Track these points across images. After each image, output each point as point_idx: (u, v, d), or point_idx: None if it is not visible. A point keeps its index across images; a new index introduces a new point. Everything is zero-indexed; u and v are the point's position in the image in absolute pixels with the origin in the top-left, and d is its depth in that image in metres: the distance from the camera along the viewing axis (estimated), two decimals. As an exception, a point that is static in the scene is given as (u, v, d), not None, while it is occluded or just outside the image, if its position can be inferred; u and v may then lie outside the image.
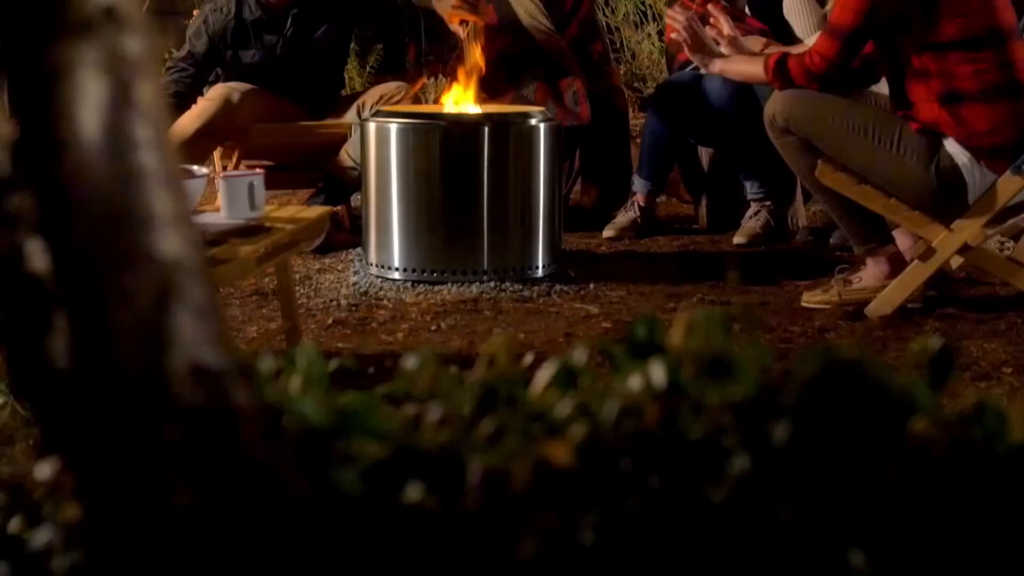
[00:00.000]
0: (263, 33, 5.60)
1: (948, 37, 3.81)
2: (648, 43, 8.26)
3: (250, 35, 5.60)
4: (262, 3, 5.57)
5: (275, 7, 5.58)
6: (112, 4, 1.04)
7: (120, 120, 1.04)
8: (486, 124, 4.62)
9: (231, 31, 5.59)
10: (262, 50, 5.59)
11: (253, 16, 5.58)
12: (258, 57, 5.59)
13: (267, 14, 5.59)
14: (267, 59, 5.59)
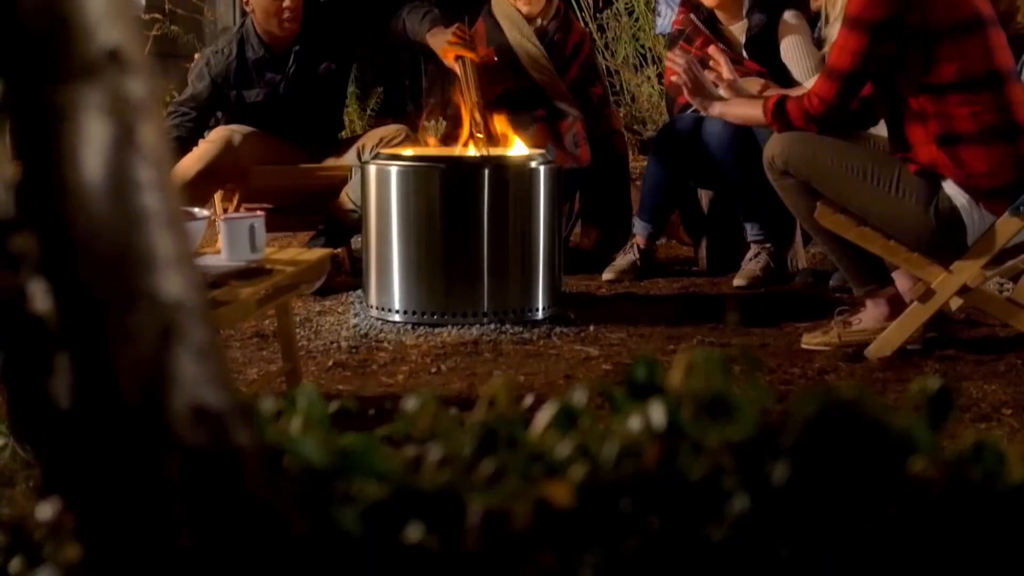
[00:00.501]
0: (266, 71, 5.64)
1: (946, 79, 3.82)
2: (648, 86, 8.30)
3: (253, 74, 5.63)
4: (265, 42, 5.61)
5: (278, 45, 5.61)
6: (116, 47, 1.05)
7: (123, 162, 1.04)
8: (486, 166, 4.64)
9: (234, 71, 5.62)
10: (266, 88, 5.63)
11: (256, 55, 5.62)
12: (262, 96, 5.62)
13: (269, 52, 5.62)
14: (271, 97, 5.62)
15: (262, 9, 5.53)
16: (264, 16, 5.55)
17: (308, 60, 5.64)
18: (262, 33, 5.63)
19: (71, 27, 1.03)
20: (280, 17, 5.52)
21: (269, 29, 5.59)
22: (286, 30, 5.58)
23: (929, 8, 3.81)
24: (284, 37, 5.62)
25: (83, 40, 1.04)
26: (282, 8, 5.51)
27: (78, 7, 1.03)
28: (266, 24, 5.58)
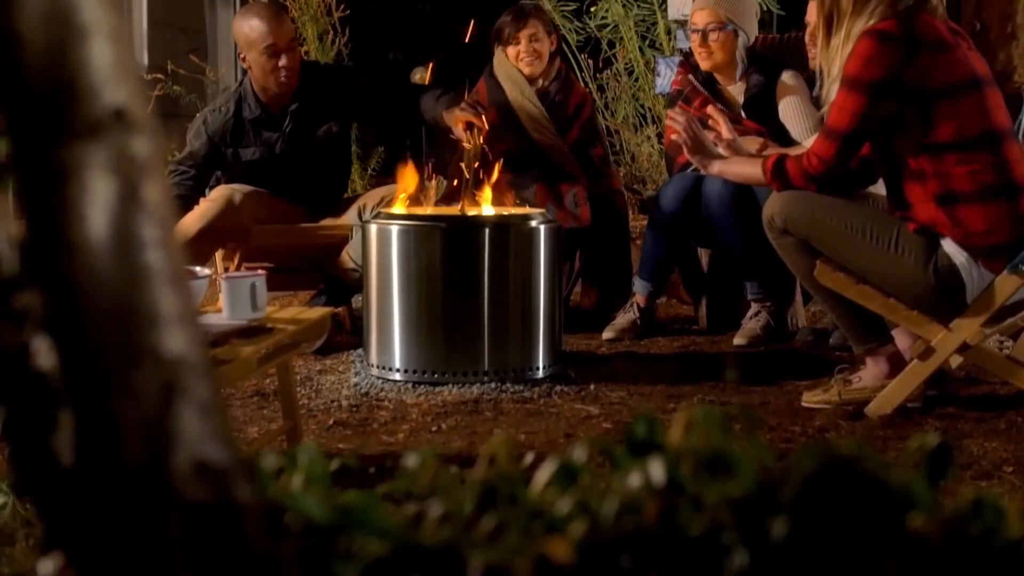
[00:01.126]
0: (262, 130, 5.66)
1: (944, 139, 3.85)
2: (648, 145, 8.33)
3: (249, 133, 5.66)
4: (261, 101, 5.64)
5: (275, 104, 5.64)
6: (121, 106, 1.06)
7: (127, 220, 1.05)
8: (487, 226, 4.65)
9: (230, 130, 5.65)
10: (261, 148, 5.65)
11: (252, 115, 5.65)
12: (258, 155, 5.64)
13: (266, 112, 5.65)
14: (266, 157, 5.64)
15: (259, 67, 5.56)
16: (261, 74, 5.59)
17: (305, 120, 5.66)
18: (259, 92, 5.66)
19: (77, 87, 1.04)
20: (277, 75, 5.55)
21: (266, 87, 5.63)
22: (283, 88, 5.61)
23: (926, 69, 3.84)
24: (281, 96, 5.65)
25: (89, 99, 1.05)
26: (278, 67, 5.54)
27: (84, 67, 1.05)
28: (263, 82, 5.61)
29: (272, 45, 5.53)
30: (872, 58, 3.85)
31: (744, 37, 5.64)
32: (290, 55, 5.57)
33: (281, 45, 5.55)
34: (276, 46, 5.54)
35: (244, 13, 5.79)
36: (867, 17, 3.92)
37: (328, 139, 5.72)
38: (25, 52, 1.03)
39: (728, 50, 5.65)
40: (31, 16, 1.03)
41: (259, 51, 5.54)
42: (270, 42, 5.53)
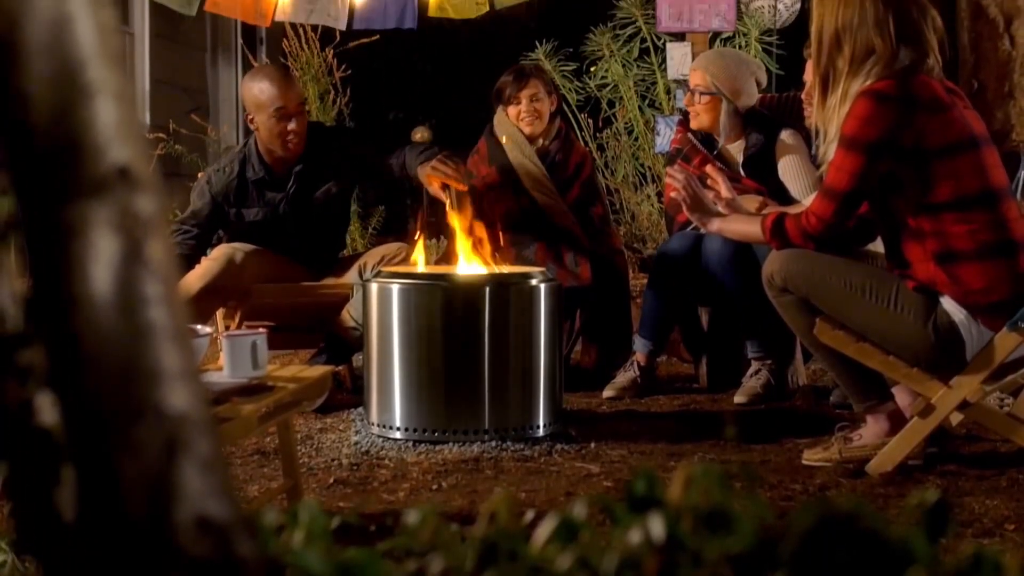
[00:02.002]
0: (265, 191, 5.69)
1: (941, 198, 3.86)
2: (647, 204, 8.36)
3: (253, 193, 5.68)
4: (266, 163, 5.66)
5: (279, 166, 5.67)
6: (126, 164, 1.07)
7: (131, 277, 1.06)
8: (487, 284, 4.66)
9: (234, 190, 5.68)
10: (265, 208, 5.67)
11: (256, 176, 5.68)
12: (261, 215, 5.67)
13: (270, 173, 5.68)
14: (270, 217, 5.67)
15: (267, 129, 5.58)
16: (269, 136, 5.61)
17: (308, 181, 5.69)
18: (264, 153, 5.69)
19: (82, 145, 1.06)
20: (285, 139, 5.58)
21: (273, 149, 5.65)
22: (290, 151, 5.64)
23: (923, 129, 3.86)
24: (286, 158, 5.68)
25: (94, 158, 1.06)
26: (287, 130, 5.56)
27: (89, 126, 1.06)
28: (270, 144, 5.64)
29: (282, 108, 5.56)
30: (869, 118, 3.87)
31: (729, 104, 5.67)
32: (299, 119, 5.60)
33: (291, 109, 5.58)
34: (286, 109, 5.57)
35: (254, 75, 5.82)
36: (864, 77, 3.95)
37: (329, 199, 5.74)
38: (31, 111, 1.05)
39: (712, 115, 5.69)
40: (38, 75, 1.04)
41: (268, 114, 5.57)
42: (280, 105, 5.56)
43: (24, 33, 1.04)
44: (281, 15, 7.48)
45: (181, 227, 5.65)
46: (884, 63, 3.94)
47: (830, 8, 4.06)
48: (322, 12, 7.43)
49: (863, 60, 3.96)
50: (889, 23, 3.96)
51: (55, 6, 1.05)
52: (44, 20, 1.04)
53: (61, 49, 1.05)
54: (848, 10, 4.00)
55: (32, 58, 1.04)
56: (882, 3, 3.97)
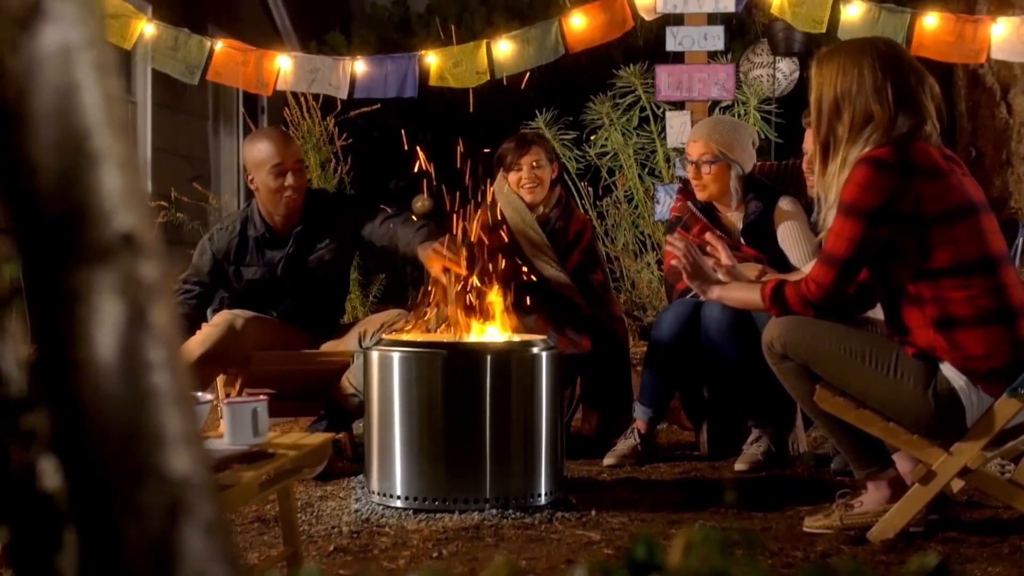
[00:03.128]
0: (265, 250, 5.75)
1: (940, 264, 3.88)
2: (647, 272, 8.38)
3: (253, 252, 5.77)
4: (267, 222, 5.72)
5: (280, 226, 5.75)
6: (130, 231, 1.09)
7: (135, 342, 1.07)
8: (488, 352, 4.67)
9: (234, 248, 5.76)
10: (264, 267, 5.73)
11: (257, 233, 5.76)
12: (259, 274, 5.72)
13: (270, 232, 5.76)
14: (268, 277, 5.72)
15: (265, 187, 5.67)
16: (267, 193, 5.68)
17: (308, 243, 5.75)
18: (265, 213, 5.77)
19: (88, 212, 1.07)
20: (283, 195, 5.66)
21: (272, 208, 5.73)
22: (289, 208, 5.71)
23: (922, 195, 3.88)
24: (287, 218, 5.75)
25: (99, 224, 1.07)
26: (284, 186, 5.65)
27: (95, 192, 1.07)
28: (269, 203, 5.71)
29: (279, 165, 5.65)
30: (868, 185, 3.89)
31: (738, 168, 5.71)
32: (296, 175, 5.68)
33: (287, 165, 5.67)
34: (283, 166, 5.65)
35: (252, 136, 5.94)
36: (862, 144, 3.98)
37: (328, 263, 5.78)
38: (38, 178, 1.06)
39: (722, 182, 5.72)
40: (45, 143, 1.06)
41: (266, 171, 5.66)
42: (277, 161, 5.65)
43: (32, 101, 1.05)
44: (283, 84, 7.54)
45: (183, 286, 5.71)
46: (882, 130, 3.97)
47: (829, 77, 4.09)
48: (323, 81, 7.48)
49: (862, 127, 4.00)
50: (887, 91, 3.99)
51: (62, 75, 1.06)
52: (51, 89, 1.06)
53: (68, 117, 1.07)
54: (847, 78, 4.04)
55: (39, 126, 1.06)
56: (880, 71, 4.01)
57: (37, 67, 1.06)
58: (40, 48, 1.06)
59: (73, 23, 1.06)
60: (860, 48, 4.14)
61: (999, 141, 9.54)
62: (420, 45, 8.12)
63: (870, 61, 4.03)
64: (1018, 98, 9.47)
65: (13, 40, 1.05)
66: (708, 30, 7.19)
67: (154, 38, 7.41)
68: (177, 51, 7.42)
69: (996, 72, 9.45)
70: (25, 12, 1.05)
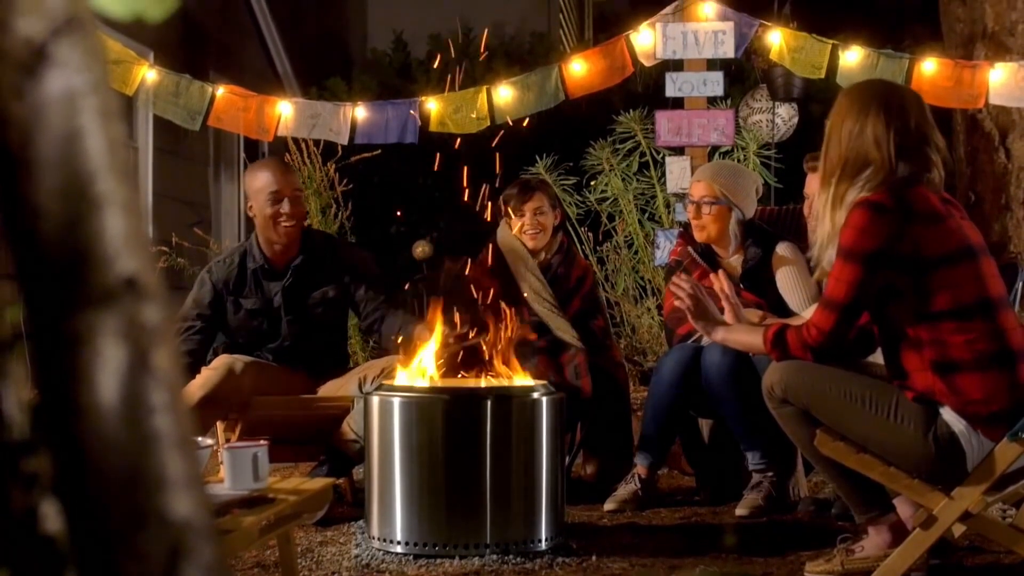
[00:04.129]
0: (263, 280, 5.83)
1: (940, 308, 3.89)
2: (648, 317, 8.39)
3: (251, 283, 5.83)
4: (265, 254, 5.77)
5: (278, 258, 5.85)
6: (133, 275, 1.09)
7: (137, 385, 1.08)
8: (488, 397, 4.67)
9: (234, 278, 5.82)
10: (261, 299, 5.77)
11: (255, 265, 5.83)
12: (257, 305, 5.76)
13: (268, 264, 5.83)
14: (264, 308, 5.76)
15: (262, 213, 5.75)
16: (264, 221, 5.76)
17: (306, 277, 5.82)
18: (264, 244, 5.83)
19: (91, 256, 1.08)
20: (278, 221, 5.73)
21: (269, 236, 5.79)
22: (286, 238, 5.78)
23: (920, 239, 3.89)
24: (285, 250, 5.82)
25: (102, 269, 1.08)
26: (280, 212, 5.72)
27: (98, 237, 1.08)
28: (266, 231, 5.78)
29: (276, 192, 5.73)
30: (866, 229, 3.90)
31: (738, 213, 5.74)
32: (293, 204, 5.76)
33: (284, 192, 5.74)
34: (279, 193, 5.73)
35: (253, 166, 6.09)
36: (860, 186, 3.99)
37: (325, 302, 5.82)
38: (42, 222, 1.07)
39: (721, 224, 5.74)
40: (49, 188, 1.07)
41: (263, 198, 5.74)
42: (274, 189, 5.73)
43: (36, 147, 1.06)
44: (283, 130, 7.57)
45: (184, 323, 5.74)
46: (881, 175, 3.99)
47: (839, 114, 4.14)
48: (324, 127, 7.51)
49: (859, 169, 4.01)
50: (889, 143, 4.01)
51: (66, 121, 1.07)
52: (56, 134, 1.07)
53: (72, 162, 1.08)
54: (852, 118, 4.07)
55: (44, 171, 1.06)
56: (886, 122, 4.03)
57: (42, 113, 1.07)
58: (45, 94, 1.07)
59: (78, 69, 1.08)
60: (873, 94, 4.17)
61: (998, 186, 9.56)
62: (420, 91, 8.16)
63: (877, 110, 4.06)
64: (1017, 143, 9.50)
65: (18, 86, 1.06)
66: (707, 76, 7.23)
67: (156, 84, 7.44)
68: (178, 97, 7.44)
69: (994, 117, 9.49)
70: (31, 58, 1.06)
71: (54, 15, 1.07)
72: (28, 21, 1.06)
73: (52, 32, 1.07)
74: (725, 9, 7.23)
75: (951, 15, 9.80)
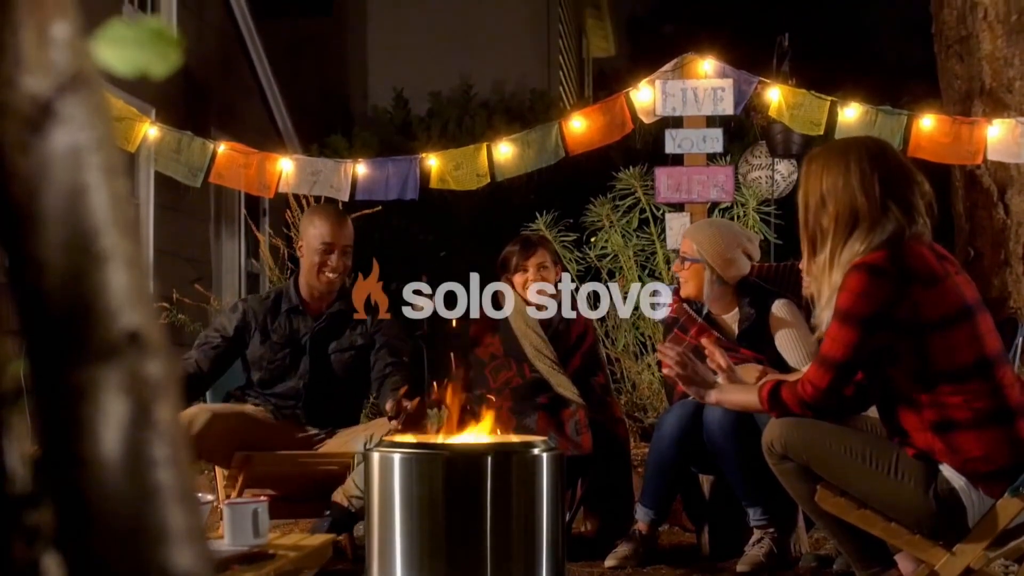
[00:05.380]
0: (292, 318, 5.89)
1: (937, 369, 3.88)
2: (648, 374, 8.39)
3: (281, 320, 5.88)
4: (302, 296, 5.89)
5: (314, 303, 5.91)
6: (136, 329, 1.10)
7: (140, 439, 1.09)
8: (489, 454, 4.66)
9: (267, 310, 5.89)
10: (289, 334, 5.81)
11: (290, 305, 5.90)
12: (284, 340, 5.78)
13: (303, 306, 5.91)
14: (289, 344, 5.77)
15: (308, 260, 5.87)
16: (308, 267, 5.87)
17: (337, 324, 5.88)
18: (303, 287, 5.91)
19: (95, 310, 1.09)
20: (321, 269, 5.83)
21: (310, 282, 5.88)
22: (324, 286, 5.87)
23: (918, 301, 3.89)
24: (321, 298, 5.90)
25: (105, 323, 1.09)
26: (326, 263, 5.83)
27: (102, 291, 1.09)
28: (308, 276, 5.88)
29: (328, 244, 5.82)
30: (864, 292, 3.90)
31: (711, 273, 5.75)
32: (341, 258, 5.86)
33: (335, 245, 5.84)
34: (331, 245, 5.83)
35: (313, 209, 6.22)
36: (853, 244, 3.99)
37: (350, 350, 5.84)
38: (46, 276, 1.08)
39: (696, 281, 5.78)
40: (54, 242, 1.08)
41: (314, 245, 5.83)
42: (327, 240, 5.83)
43: (41, 202, 1.07)
44: (284, 186, 7.59)
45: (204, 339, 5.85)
46: (870, 226, 3.98)
47: (816, 173, 4.13)
48: (325, 183, 7.53)
49: (849, 221, 4.01)
50: (875, 186, 4.01)
51: (71, 177, 1.09)
52: (61, 189, 1.08)
53: (76, 217, 1.09)
54: (832, 172, 4.07)
55: (49, 226, 1.08)
56: (868, 167, 4.04)
57: (47, 168, 1.08)
58: (50, 150, 1.08)
59: (83, 126, 1.09)
60: (848, 145, 4.19)
61: (997, 241, 9.58)
62: (421, 148, 8.19)
63: (857, 157, 4.06)
64: (1015, 198, 9.53)
65: (24, 142, 1.07)
66: (707, 132, 7.26)
67: (157, 141, 7.48)
68: (180, 153, 7.47)
69: (993, 173, 9.52)
70: (37, 114, 1.07)
71: (60, 72, 1.08)
72: (35, 78, 1.07)
73: (58, 89, 1.08)
74: (724, 66, 7.27)
75: (949, 72, 9.85)
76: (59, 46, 1.09)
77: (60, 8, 1.10)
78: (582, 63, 25.87)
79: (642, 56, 20.54)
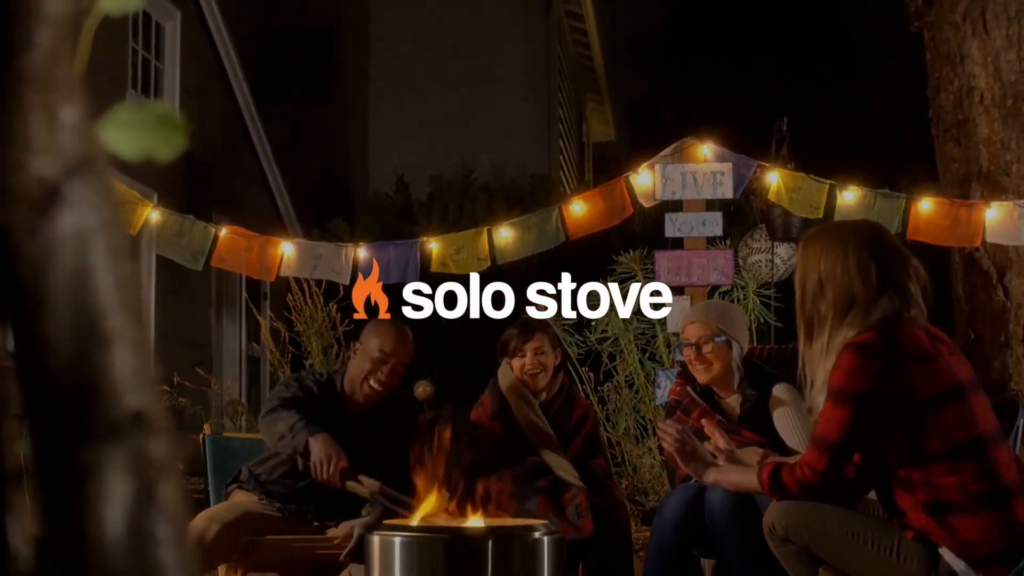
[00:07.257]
0: (342, 400, 5.88)
1: (931, 450, 3.87)
2: (649, 457, 8.38)
3: (330, 400, 5.86)
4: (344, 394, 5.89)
5: (352, 406, 5.90)
6: (140, 410, 1.11)
7: (143, 518, 1.09)
8: (489, 537, 4.65)
9: (319, 389, 5.87)
10: (330, 413, 5.77)
11: (332, 397, 5.88)
12: (323, 414, 5.73)
13: (340, 402, 5.89)
14: (327, 420, 5.70)
15: (360, 363, 5.87)
16: (357, 369, 5.86)
17: (378, 419, 5.86)
18: (347, 384, 5.90)
19: (99, 390, 1.10)
20: (367, 378, 5.82)
21: (354, 386, 5.87)
22: (363, 394, 5.85)
23: (910, 380, 3.89)
24: (364, 402, 5.88)
25: (110, 402, 1.10)
26: (374, 372, 5.82)
27: (106, 372, 1.10)
28: (354, 378, 5.87)
29: (382, 358, 5.81)
30: (855, 370, 3.91)
31: (737, 347, 5.75)
32: (391, 374, 5.84)
33: (388, 360, 5.83)
34: (384, 359, 5.81)
35: (379, 321, 6.15)
36: (847, 328, 4.01)
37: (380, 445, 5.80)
38: (51, 356, 1.09)
39: (724, 360, 5.74)
40: (59, 323, 1.09)
41: (371, 353, 5.81)
42: (386, 351, 5.81)
43: (47, 283, 1.09)
44: (285, 270, 7.63)
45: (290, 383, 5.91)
46: (865, 311, 4.00)
47: (813, 258, 4.14)
48: (326, 267, 7.57)
49: (845, 307, 4.03)
50: (871, 272, 4.03)
51: (78, 258, 1.10)
52: (67, 272, 1.10)
53: (82, 299, 1.10)
54: (830, 257, 4.09)
55: (54, 307, 1.09)
56: (865, 252, 4.06)
57: (53, 250, 1.10)
58: (57, 233, 1.10)
59: (90, 209, 1.10)
60: (845, 230, 4.21)
61: (997, 323, 9.59)
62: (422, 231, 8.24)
63: (854, 243, 4.08)
64: (1014, 280, 9.55)
65: (31, 224, 1.09)
66: (707, 216, 7.30)
67: (159, 224, 7.52)
68: (182, 237, 7.51)
69: (992, 255, 9.55)
70: (44, 197, 1.09)
71: (68, 156, 1.10)
72: (43, 161, 1.09)
73: (66, 173, 1.10)
74: (723, 150, 7.33)
75: (947, 155, 9.92)
76: (67, 130, 1.11)
77: (69, 93, 1.12)
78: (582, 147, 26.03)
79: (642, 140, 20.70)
